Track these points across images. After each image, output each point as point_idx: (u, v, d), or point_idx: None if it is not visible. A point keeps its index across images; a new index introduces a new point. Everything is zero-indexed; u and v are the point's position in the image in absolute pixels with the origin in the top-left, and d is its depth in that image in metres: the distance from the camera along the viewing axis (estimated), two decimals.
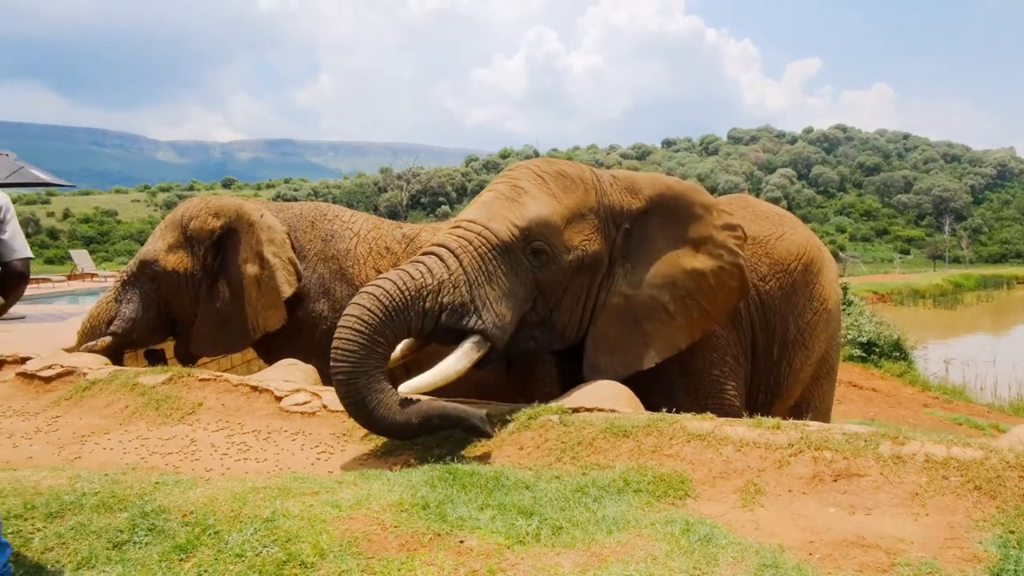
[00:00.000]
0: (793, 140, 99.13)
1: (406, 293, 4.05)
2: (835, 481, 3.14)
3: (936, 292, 45.96)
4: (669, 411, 3.87)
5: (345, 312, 4.00)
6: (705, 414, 3.80)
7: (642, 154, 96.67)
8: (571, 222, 4.59)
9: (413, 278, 4.13)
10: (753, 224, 5.62)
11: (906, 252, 70.07)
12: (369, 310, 3.93)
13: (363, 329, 3.89)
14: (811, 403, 6.19)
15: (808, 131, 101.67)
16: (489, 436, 3.90)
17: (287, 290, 6.03)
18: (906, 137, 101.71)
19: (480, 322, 4.21)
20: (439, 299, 4.14)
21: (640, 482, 3.25)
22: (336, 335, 3.92)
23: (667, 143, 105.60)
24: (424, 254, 4.35)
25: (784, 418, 3.81)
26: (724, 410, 4.69)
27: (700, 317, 4.83)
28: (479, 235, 4.38)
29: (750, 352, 5.41)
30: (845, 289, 17.82)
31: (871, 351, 17.53)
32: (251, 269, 6.10)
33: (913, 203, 79.89)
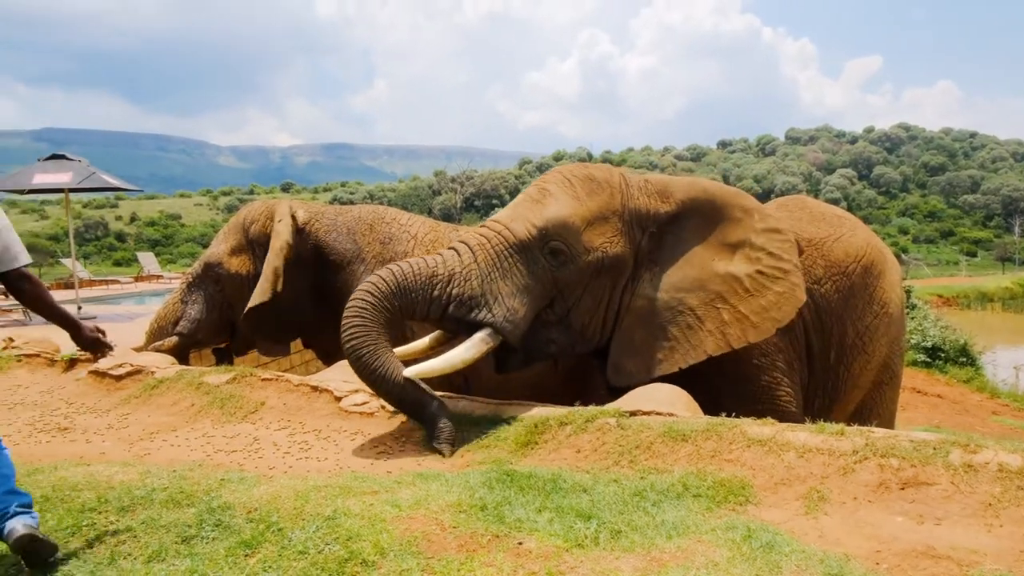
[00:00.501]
0: (853, 140, 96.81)
1: (417, 277, 4.36)
2: (902, 489, 3.06)
3: (1005, 295, 44.36)
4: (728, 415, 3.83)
5: (359, 286, 4.36)
6: (765, 419, 3.74)
7: (697, 155, 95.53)
8: (592, 224, 4.63)
9: (428, 265, 4.43)
10: (810, 226, 5.50)
11: (972, 254, 67.80)
12: (378, 285, 4.29)
13: (372, 300, 4.25)
14: (873, 409, 6.01)
15: (869, 130, 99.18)
16: (442, 454, 4.08)
17: (257, 298, 6.03)
18: (973, 136, 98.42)
19: (490, 315, 4.40)
20: (448, 289, 4.39)
21: (699, 487, 3.21)
22: (348, 303, 4.29)
23: (722, 144, 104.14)
24: (447, 249, 4.62)
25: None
26: (777, 416, 4.61)
27: (735, 324, 4.66)
28: (499, 234, 4.58)
29: (805, 356, 5.28)
30: (908, 292, 17.33)
31: (936, 356, 17.01)
32: None
33: (980, 203, 77.29)
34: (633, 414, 3.97)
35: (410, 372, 4.29)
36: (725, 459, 3.44)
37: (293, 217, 6.26)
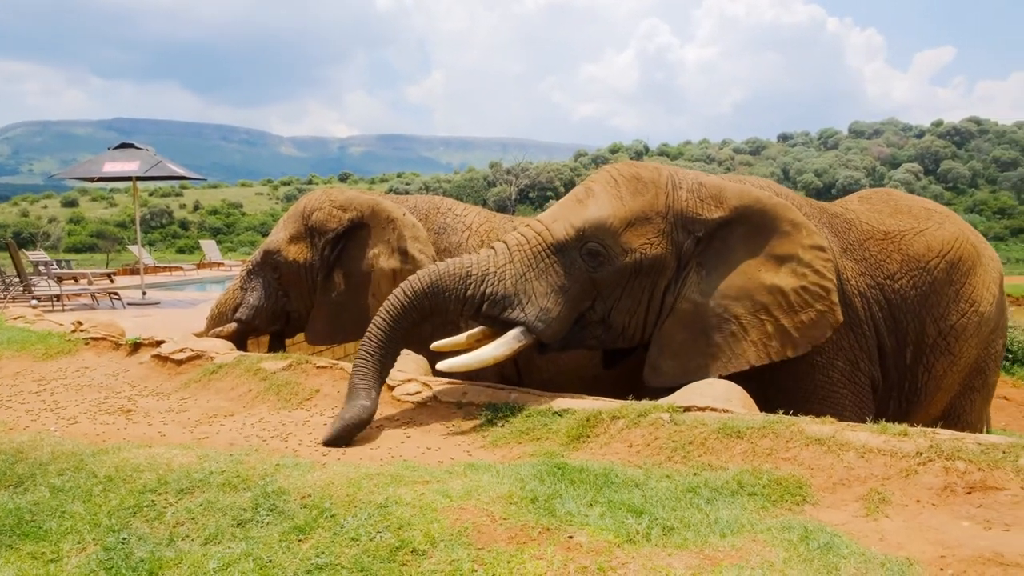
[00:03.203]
0: (920, 134, 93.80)
1: (452, 277, 4.48)
2: (969, 494, 2.95)
3: None
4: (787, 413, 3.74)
5: (398, 286, 4.54)
6: (825, 417, 3.65)
7: (756, 149, 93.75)
8: (632, 225, 4.60)
9: (464, 265, 4.53)
10: (890, 219, 5.32)
11: None
12: (412, 285, 4.47)
13: (403, 301, 4.43)
14: (961, 417, 5.71)
15: (937, 124, 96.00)
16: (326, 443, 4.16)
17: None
18: None
19: (523, 314, 4.46)
20: (481, 288, 4.48)
21: (755, 485, 3.14)
22: (384, 303, 4.49)
23: (783, 137, 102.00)
24: (485, 248, 4.73)
25: None
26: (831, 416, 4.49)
27: (777, 337, 4.60)
28: (538, 234, 4.63)
29: (876, 355, 5.10)
30: None
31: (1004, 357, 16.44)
32: (387, 263, 6.21)
33: None
34: (687, 409, 3.91)
35: (442, 366, 4.46)
36: (782, 457, 3.37)
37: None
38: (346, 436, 4.15)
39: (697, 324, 4.66)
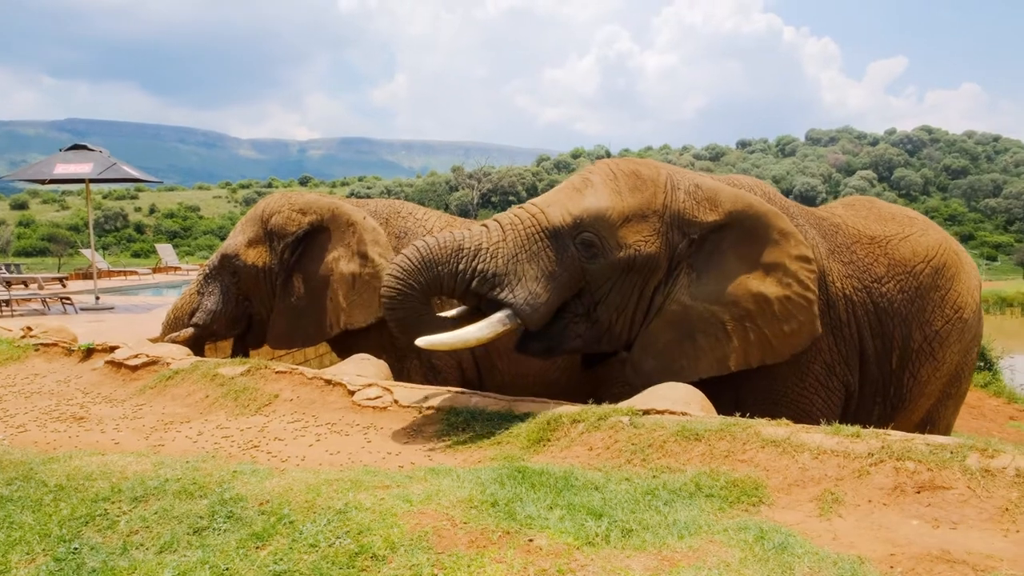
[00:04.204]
0: (875, 142, 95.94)
1: (443, 250, 4.43)
2: (918, 493, 3.02)
3: None
4: (743, 415, 3.79)
5: (389, 265, 4.51)
6: (780, 420, 3.71)
7: (716, 155, 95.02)
8: (629, 221, 4.58)
9: (455, 239, 4.47)
10: (875, 224, 5.37)
11: (993, 258, 67.03)
12: (402, 266, 4.41)
13: (401, 276, 4.39)
14: (936, 423, 5.77)
15: (891, 132, 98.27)
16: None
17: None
18: (996, 139, 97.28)
19: (512, 296, 4.40)
20: (473, 264, 4.42)
21: (712, 487, 3.19)
22: (381, 290, 4.50)
23: (742, 144, 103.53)
24: (478, 224, 4.66)
25: None
26: (803, 420, 4.53)
27: (758, 344, 4.65)
28: (533, 216, 4.58)
29: (856, 361, 5.12)
30: None
31: None
32: (347, 267, 6.18)
33: (1002, 207, 76.39)
34: (646, 412, 3.95)
35: (422, 342, 4.39)
36: (739, 459, 3.42)
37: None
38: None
39: (684, 326, 4.67)
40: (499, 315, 4.40)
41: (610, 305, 4.64)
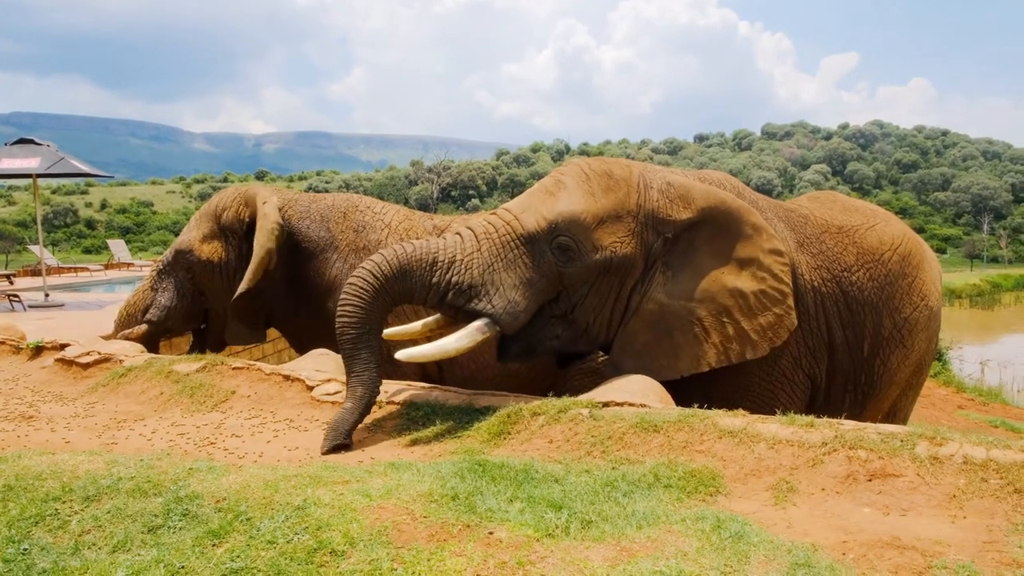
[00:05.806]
0: (828, 136, 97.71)
1: (419, 261, 4.32)
2: (870, 481, 3.09)
3: (973, 292, 45.12)
4: (701, 407, 3.84)
5: (359, 266, 4.30)
6: (737, 411, 3.76)
7: (674, 149, 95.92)
8: (604, 222, 4.56)
9: (430, 250, 4.38)
10: (841, 215, 5.44)
11: (942, 251, 68.78)
12: (380, 266, 4.25)
13: (372, 282, 4.21)
14: (898, 413, 5.87)
15: (844, 127, 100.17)
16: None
17: (248, 281, 6.01)
18: (945, 134, 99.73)
19: (490, 306, 4.36)
20: (447, 276, 4.35)
21: (670, 478, 3.22)
22: (345, 286, 4.26)
23: (699, 138, 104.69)
24: (451, 233, 4.54)
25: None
26: (769, 412, 4.57)
27: (737, 339, 4.67)
28: (507, 223, 4.52)
29: (824, 353, 5.16)
30: None
31: None
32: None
33: (951, 201, 78.42)
34: (606, 405, 3.97)
35: (401, 355, 4.33)
36: (696, 450, 3.46)
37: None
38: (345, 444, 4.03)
39: (661, 325, 4.66)
40: (478, 323, 4.36)
41: (588, 307, 4.63)
